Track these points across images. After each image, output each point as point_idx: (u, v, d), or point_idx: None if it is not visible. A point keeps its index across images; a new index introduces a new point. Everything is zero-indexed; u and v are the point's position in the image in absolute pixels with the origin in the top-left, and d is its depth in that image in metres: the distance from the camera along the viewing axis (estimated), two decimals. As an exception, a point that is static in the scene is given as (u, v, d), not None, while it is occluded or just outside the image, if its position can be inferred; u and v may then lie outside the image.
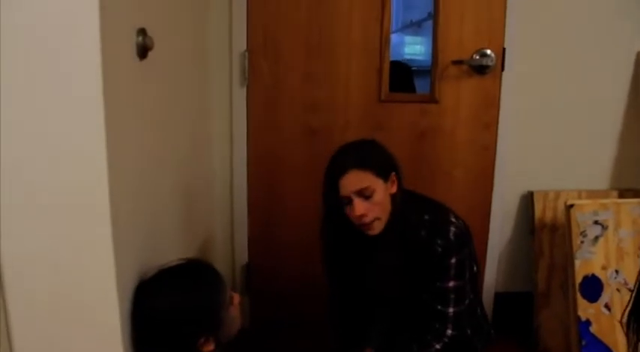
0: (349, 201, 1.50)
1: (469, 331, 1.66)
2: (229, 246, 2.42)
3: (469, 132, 2.37)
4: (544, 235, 2.39)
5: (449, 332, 1.59)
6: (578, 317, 2.21)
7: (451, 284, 1.57)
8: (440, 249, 1.55)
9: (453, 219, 1.59)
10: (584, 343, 2.18)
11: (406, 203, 1.57)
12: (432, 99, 2.33)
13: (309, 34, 2.26)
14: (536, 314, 2.40)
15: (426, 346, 1.59)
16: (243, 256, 2.44)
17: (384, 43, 2.28)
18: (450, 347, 1.59)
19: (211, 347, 1.24)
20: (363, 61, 2.29)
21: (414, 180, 2.15)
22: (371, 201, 1.49)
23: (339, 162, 1.50)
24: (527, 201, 2.43)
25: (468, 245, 1.61)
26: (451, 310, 1.59)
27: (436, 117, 2.35)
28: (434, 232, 1.56)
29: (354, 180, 1.47)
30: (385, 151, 1.57)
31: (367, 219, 1.50)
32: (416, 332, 1.62)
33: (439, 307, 1.59)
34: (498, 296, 2.56)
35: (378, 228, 1.54)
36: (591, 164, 2.47)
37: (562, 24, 2.35)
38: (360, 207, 1.48)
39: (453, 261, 1.56)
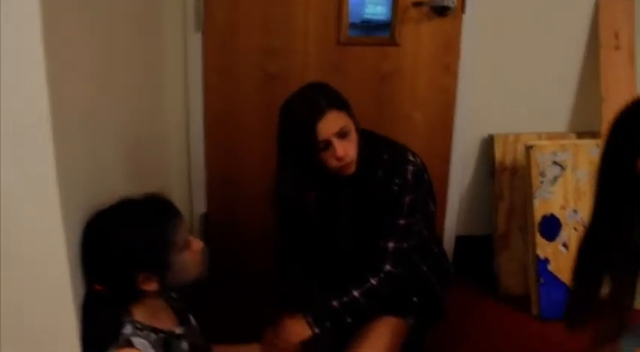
0: (327, 145, 1.45)
1: (425, 268, 1.66)
2: (187, 193, 2.37)
3: (429, 75, 2.34)
4: (504, 178, 2.41)
5: (387, 267, 1.54)
6: (537, 256, 2.25)
7: (401, 221, 1.54)
8: (396, 188, 1.53)
9: (411, 158, 1.57)
10: (542, 281, 2.23)
11: (364, 142, 1.55)
12: (392, 41, 2.29)
13: (265, -24, 2.18)
14: (496, 257, 2.43)
15: (362, 281, 1.55)
16: (200, 206, 2.40)
17: (342, -16, 2.22)
18: (388, 284, 1.55)
19: (153, 286, 1.19)
20: (321, 4, 2.22)
21: (375, 123, 2.11)
22: (348, 139, 1.47)
23: (313, 105, 1.44)
24: (488, 144, 2.44)
25: (425, 183, 1.60)
26: (391, 245, 1.54)
27: (396, 60, 2.31)
28: (392, 171, 1.54)
29: (333, 121, 1.43)
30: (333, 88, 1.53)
31: (348, 159, 1.48)
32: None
33: (381, 242, 1.56)
34: (459, 240, 2.58)
35: (353, 166, 1.51)
36: (551, 107, 2.48)
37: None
38: (341, 147, 1.45)
39: (407, 199, 1.53)
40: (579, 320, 1.43)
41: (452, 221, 2.56)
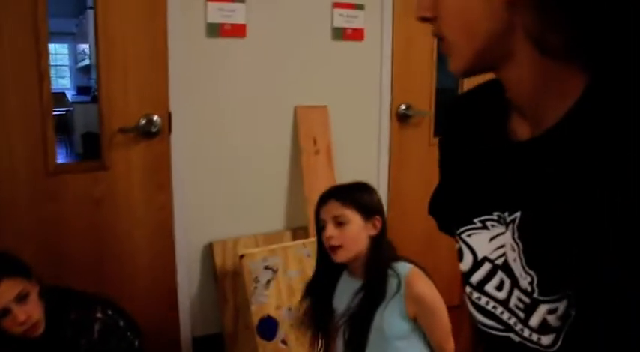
0: (5, 312, 1.53)
1: None
2: None
3: (144, 194, 2.43)
4: (227, 282, 2.57)
5: None
6: (259, 356, 2.43)
7: None
8: (84, 349, 1.61)
9: (99, 314, 1.66)
10: (266, 379, 2.42)
11: (51, 302, 1.62)
12: (102, 166, 2.34)
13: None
14: (228, 355, 2.58)
15: None
16: None
17: (45, 114, 2.22)
18: None
19: None
20: (26, 133, 2.20)
21: (96, 247, 2.28)
22: (26, 302, 1.54)
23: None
24: (208, 251, 2.59)
25: (116, 335, 1.70)
26: None
27: (109, 183, 2.36)
28: (78, 331, 1.62)
29: (7, 290, 1.52)
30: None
31: (31, 322, 1.54)
32: None
33: None
34: (196, 340, 2.69)
35: (39, 327, 1.57)
36: (264, 209, 2.70)
37: (223, 85, 2.52)
38: (21, 312, 1.53)
39: None
40: None
41: (186, 323, 2.66)
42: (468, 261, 0.80)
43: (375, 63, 2.89)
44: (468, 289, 0.81)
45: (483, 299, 0.78)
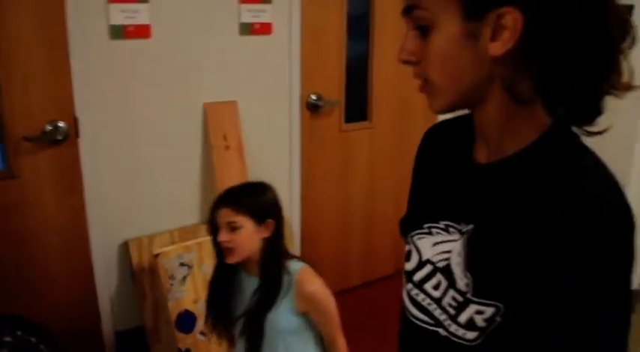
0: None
1: None
2: None
3: (55, 199, 2.45)
4: (144, 278, 2.64)
5: None
6: (179, 349, 2.54)
7: None
8: None
9: None
10: (185, 370, 2.53)
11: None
12: (10, 175, 2.35)
13: None
14: (151, 349, 2.67)
15: None
16: None
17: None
18: None
19: None
20: None
21: (9, 255, 2.37)
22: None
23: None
24: (124, 249, 2.65)
25: None
26: None
27: (18, 191, 2.37)
28: None
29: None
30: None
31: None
32: None
33: None
34: (118, 334, 2.77)
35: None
36: (178, 205, 2.77)
37: (131, 86, 2.55)
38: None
39: None
40: None
41: (107, 319, 2.73)
42: (414, 261, 0.94)
43: (284, 55, 2.95)
44: (409, 286, 0.94)
45: (421, 296, 0.92)
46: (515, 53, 0.73)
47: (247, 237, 1.74)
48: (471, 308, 0.82)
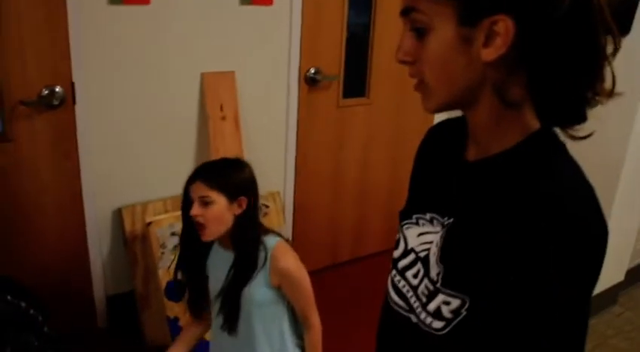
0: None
1: None
2: None
3: (50, 163, 2.47)
4: (136, 245, 2.66)
5: None
6: (167, 316, 2.58)
7: None
8: None
9: None
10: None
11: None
12: (5, 138, 2.35)
13: None
14: (140, 314, 2.71)
15: None
16: None
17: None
18: None
19: None
20: None
21: (4, 217, 2.38)
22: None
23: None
24: (118, 215, 2.67)
25: None
26: None
27: (13, 154, 2.38)
28: None
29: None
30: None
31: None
32: None
33: None
34: (110, 299, 2.81)
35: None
36: (172, 173, 2.77)
37: (128, 53, 2.53)
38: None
39: None
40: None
41: (99, 283, 2.76)
42: (400, 249, 0.98)
43: (284, 27, 2.93)
44: (393, 272, 0.99)
45: (402, 283, 0.96)
46: (506, 59, 0.75)
47: (219, 212, 1.74)
48: (439, 298, 0.85)
